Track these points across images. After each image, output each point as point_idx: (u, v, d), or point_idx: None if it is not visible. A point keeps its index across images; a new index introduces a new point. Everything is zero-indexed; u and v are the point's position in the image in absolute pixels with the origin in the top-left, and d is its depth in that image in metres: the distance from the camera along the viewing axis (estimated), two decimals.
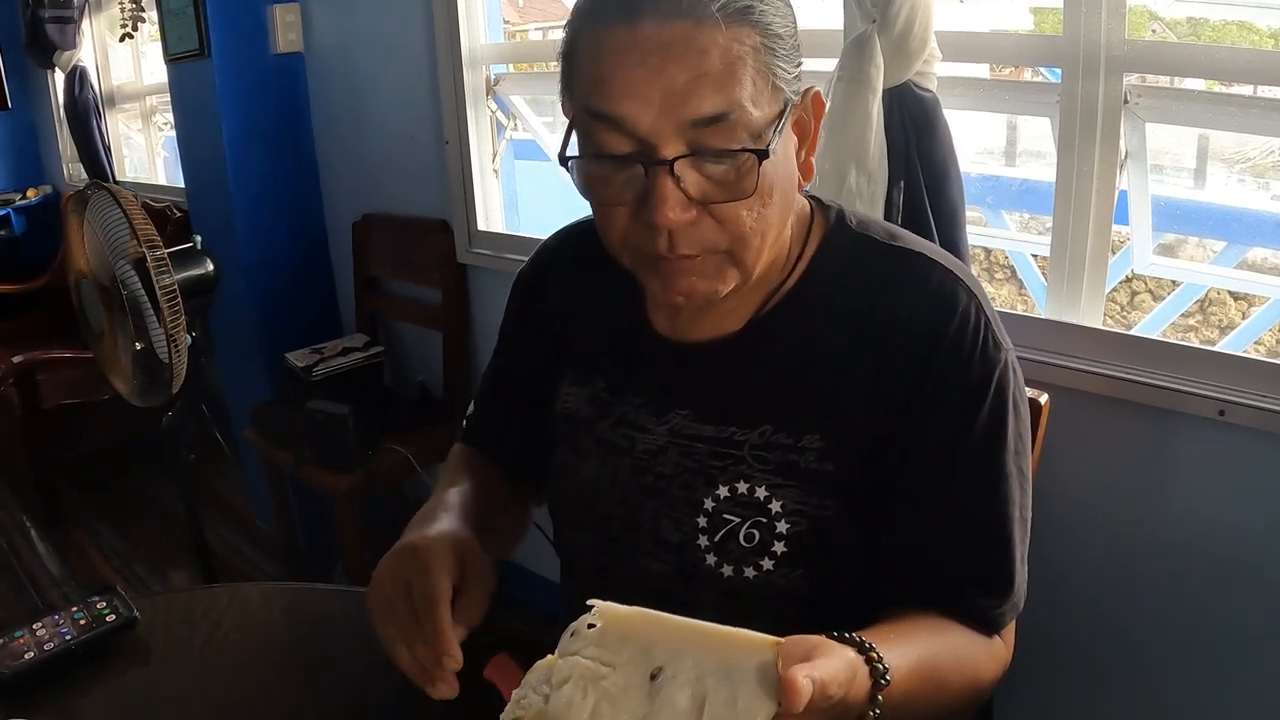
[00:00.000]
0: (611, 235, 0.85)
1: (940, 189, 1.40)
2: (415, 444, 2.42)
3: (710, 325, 0.94)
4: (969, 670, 0.85)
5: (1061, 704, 1.58)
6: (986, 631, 0.88)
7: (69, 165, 4.30)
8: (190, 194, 2.98)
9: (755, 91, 0.77)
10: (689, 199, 0.78)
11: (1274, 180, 3.27)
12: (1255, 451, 1.31)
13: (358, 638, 1.08)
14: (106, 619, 1.06)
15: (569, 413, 1.03)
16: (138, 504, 3.40)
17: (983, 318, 0.87)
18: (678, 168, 0.76)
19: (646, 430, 0.96)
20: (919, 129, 1.40)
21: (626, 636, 0.64)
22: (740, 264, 0.84)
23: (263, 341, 2.80)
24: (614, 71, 0.76)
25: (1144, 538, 1.43)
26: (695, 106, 0.75)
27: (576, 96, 0.81)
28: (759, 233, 0.82)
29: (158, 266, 1.80)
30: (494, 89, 2.34)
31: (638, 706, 0.61)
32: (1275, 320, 2.77)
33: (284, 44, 2.65)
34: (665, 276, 0.84)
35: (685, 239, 0.80)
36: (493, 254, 2.38)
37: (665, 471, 0.95)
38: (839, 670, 0.62)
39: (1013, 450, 0.88)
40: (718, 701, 0.60)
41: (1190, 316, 3.58)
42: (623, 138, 0.77)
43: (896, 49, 1.36)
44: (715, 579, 0.92)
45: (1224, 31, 3.17)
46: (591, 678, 0.63)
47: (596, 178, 0.82)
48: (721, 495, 0.91)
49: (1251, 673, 1.38)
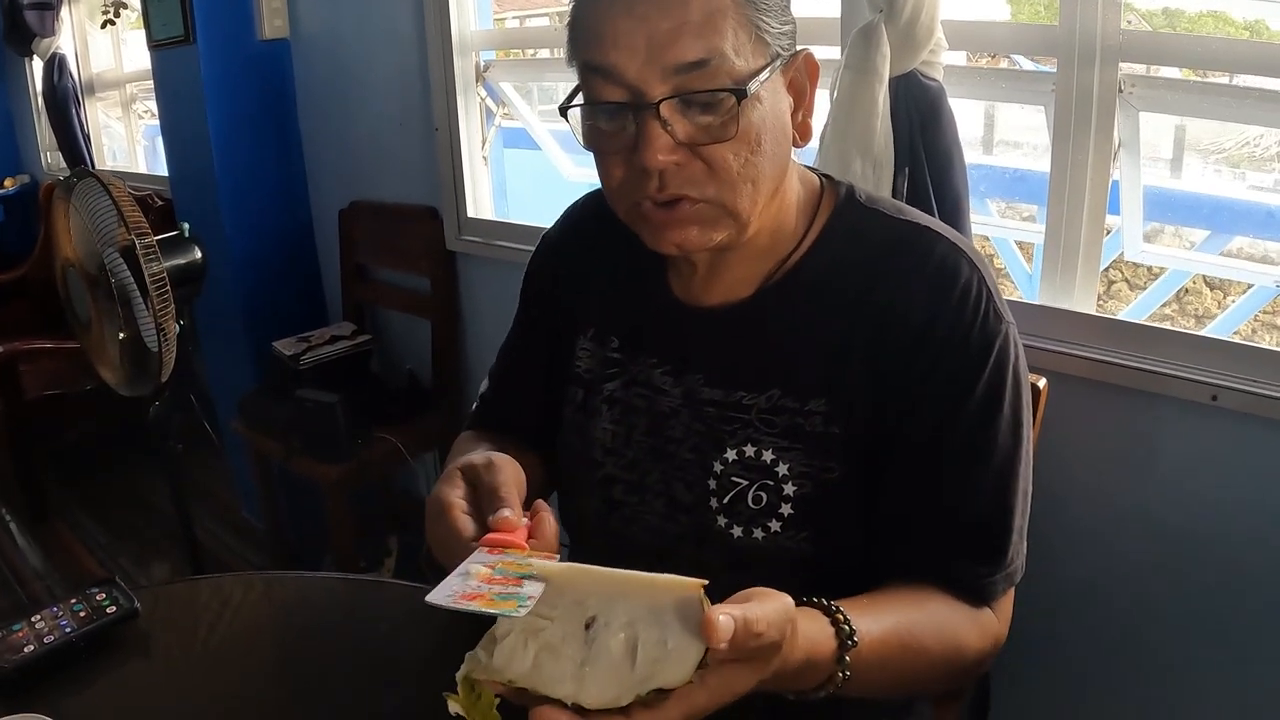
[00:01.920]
0: (610, 185, 0.89)
1: (945, 177, 1.41)
2: (405, 433, 2.42)
3: (721, 291, 0.97)
4: (950, 639, 0.86)
5: (1059, 685, 1.60)
6: (978, 601, 0.90)
7: (48, 154, 4.25)
8: (174, 182, 2.95)
9: (737, 42, 0.81)
10: (676, 142, 0.82)
11: (1249, 170, 3.30)
12: (1247, 436, 1.33)
13: (362, 625, 1.09)
14: (107, 611, 1.05)
15: (580, 372, 1.06)
16: (121, 496, 3.38)
17: (985, 290, 0.89)
18: (664, 111, 0.81)
19: (663, 392, 0.99)
20: (924, 117, 1.41)
21: (563, 589, 0.66)
22: (733, 213, 0.86)
23: (248, 330, 2.78)
24: (604, 24, 0.81)
25: (1138, 521, 1.45)
26: (678, 52, 0.80)
27: (576, 52, 0.86)
28: (748, 179, 0.85)
29: (147, 254, 1.79)
30: (483, 75, 2.33)
31: (575, 654, 0.63)
32: (1259, 306, 2.81)
33: (270, 30, 2.63)
34: (657, 225, 0.87)
35: (674, 180, 0.84)
36: (482, 241, 2.37)
37: (676, 435, 0.98)
38: (769, 612, 0.63)
39: (1010, 421, 0.89)
40: (649, 643, 0.62)
41: (1167, 305, 3.61)
42: (614, 86, 0.82)
43: (903, 38, 1.37)
44: (725, 540, 0.94)
45: (1199, 23, 3.19)
46: (531, 630, 0.64)
47: (594, 128, 0.87)
48: (730, 458, 0.94)
49: (1240, 652, 1.40)
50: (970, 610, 0.89)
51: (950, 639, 0.86)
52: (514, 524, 0.74)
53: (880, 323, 0.89)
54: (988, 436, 0.89)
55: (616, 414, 1.02)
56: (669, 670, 0.61)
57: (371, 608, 1.12)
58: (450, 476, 0.80)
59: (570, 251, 1.11)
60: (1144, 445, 1.43)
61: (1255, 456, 1.33)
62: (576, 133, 0.88)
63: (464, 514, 0.76)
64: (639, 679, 0.61)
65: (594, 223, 1.08)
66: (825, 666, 0.72)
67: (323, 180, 2.83)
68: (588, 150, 0.89)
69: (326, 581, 1.17)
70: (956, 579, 0.89)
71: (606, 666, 0.62)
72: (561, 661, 0.63)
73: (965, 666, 0.89)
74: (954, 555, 0.89)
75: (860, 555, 0.93)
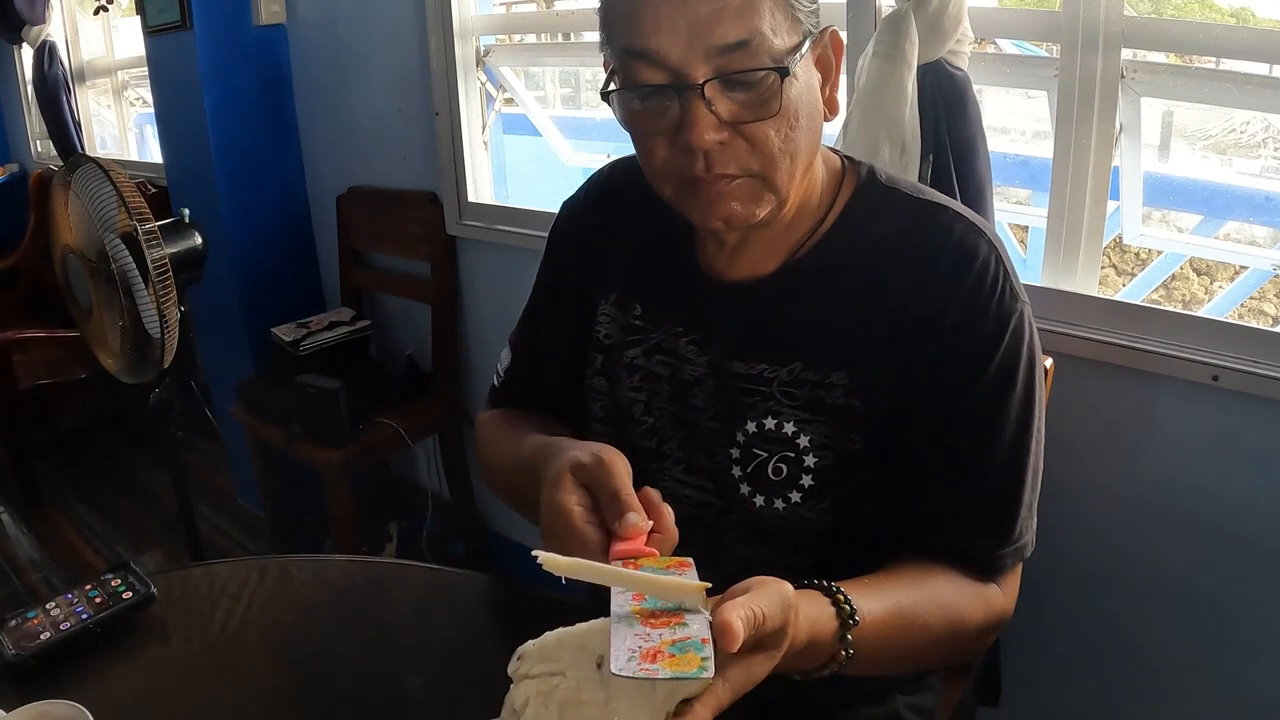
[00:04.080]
0: (653, 164, 0.89)
1: (968, 164, 1.43)
2: (405, 417, 2.43)
3: (746, 266, 0.98)
4: (953, 615, 0.88)
5: (1064, 662, 1.62)
6: (985, 575, 0.92)
7: (37, 143, 4.22)
8: (170, 169, 2.94)
9: (774, 22, 0.82)
10: (720, 121, 0.83)
11: (1235, 157, 3.32)
12: (1247, 415, 1.35)
13: (381, 608, 1.09)
14: (123, 596, 1.05)
15: (600, 337, 1.07)
16: (117, 484, 3.37)
17: (1002, 269, 0.91)
18: (708, 91, 0.82)
19: (687, 360, 1.00)
20: (950, 105, 1.42)
21: (563, 640, 0.66)
22: (773, 186, 0.88)
23: (246, 317, 2.78)
24: (644, 10, 0.82)
25: (1141, 500, 1.47)
26: (719, 34, 0.81)
27: (614, 39, 0.87)
28: (787, 154, 0.86)
29: (149, 239, 1.78)
30: (484, 60, 2.33)
31: (596, 696, 0.64)
32: (1251, 290, 2.83)
33: (266, 15, 2.62)
34: (705, 202, 0.88)
35: (719, 159, 0.85)
36: (483, 225, 2.37)
37: (698, 404, 0.99)
38: (771, 600, 0.65)
39: (1023, 398, 0.91)
40: None
41: (1155, 292, 3.64)
42: (656, 70, 0.84)
43: (931, 27, 1.39)
44: (749, 508, 0.96)
45: (1185, 10, 3.20)
46: (547, 692, 0.65)
47: (636, 111, 0.88)
48: (751, 430, 0.96)
49: (1242, 627, 1.42)
50: (974, 585, 0.91)
51: (952, 615, 0.88)
52: (642, 529, 0.73)
53: (899, 299, 0.91)
54: (1000, 413, 0.91)
55: (637, 380, 1.03)
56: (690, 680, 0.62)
57: (390, 590, 1.13)
58: (561, 481, 0.78)
59: (594, 218, 1.12)
60: (1146, 425, 1.45)
61: (1256, 436, 1.35)
62: (616, 115, 0.89)
63: (586, 523, 0.76)
64: (664, 696, 0.62)
65: (618, 192, 1.09)
66: (829, 646, 0.74)
67: (320, 166, 2.82)
68: (627, 131, 0.91)
69: (343, 564, 1.17)
70: (965, 553, 0.91)
71: (630, 697, 0.63)
72: (587, 709, 0.64)
73: (969, 641, 0.91)
74: (963, 530, 0.91)
75: (878, 526, 0.95)
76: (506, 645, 0.69)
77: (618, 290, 1.07)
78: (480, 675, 0.96)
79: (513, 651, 0.67)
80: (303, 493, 2.67)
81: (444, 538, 2.74)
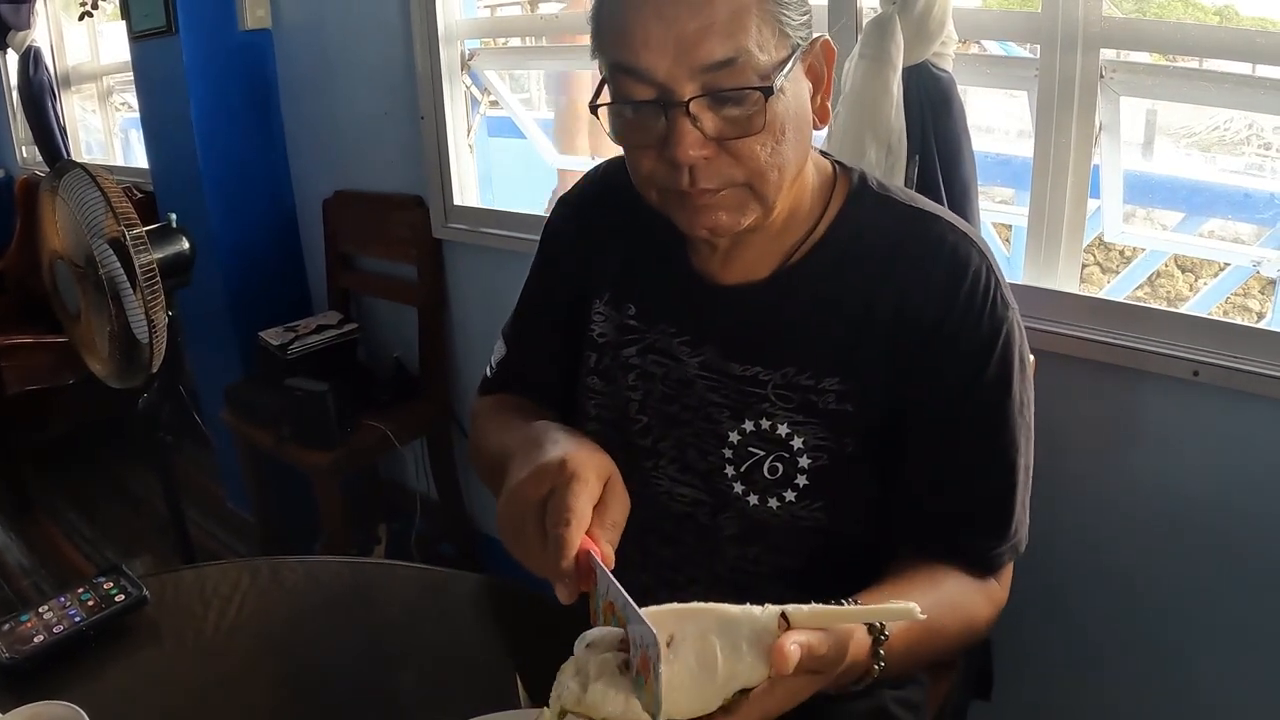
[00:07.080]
0: (640, 175, 0.91)
1: (954, 165, 1.45)
2: (392, 420, 2.43)
3: (739, 271, 0.99)
4: (965, 616, 0.91)
5: (1053, 655, 1.63)
6: (984, 571, 0.95)
7: (23, 149, 4.19)
8: (156, 174, 2.93)
9: (761, 38, 0.83)
10: (705, 137, 0.84)
11: (1219, 154, 3.35)
12: (1226, 409, 1.37)
13: (373, 609, 1.10)
14: (115, 599, 1.05)
15: (594, 336, 1.08)
16: (106, 489, 3.36)
17: (993, 278, 0.93)
18: (693, 108, 0.83)
19: (681, 361, 1.01)
20: (935, 107, 1.44)
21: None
22: (760, 197, 0.89)
23: (234, 321, 2.78)
24: (633, 26, 0.83)
25: (1125, 494, 1.49)
26: (706, 52, 0.81)
27: (604, 51, 0.88)
28: (775, 167, 0.87)
29: (136, 245, 1.78)
30: (468, 64, 2.34)
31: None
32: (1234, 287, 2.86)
33: (252, 20, 2.62)
34: (691, 212, 0.90)
35: (705, 174, 0.86)
36: (469, 228, 2.38)
37: (691, 404, 1.00)
38: (831, 639, 0.68)
39: (1017, 401, 0.94)
40: (726, 648, 0.66)
41: (1139, 289, 3.66)
42: (644, 85, 0.84)
43: (916, 30, 1.40)
44: (742, 507, 0.98)
45: (1169, 9, 3.23)
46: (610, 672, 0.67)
47: (625, 123, 0.89)
48: (746, 430, 0.97)
49: (1230, 618, 1.44)
50: (978, 583, 0.94)
51: (966, 615, 0.91)
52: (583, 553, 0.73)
53: (894, 308, 0.92)
54: (996, 417, 0.93)
55: (633, 379, 1.04)
56: (748, 671, 0.65)
57: (380, 590, 1.14)
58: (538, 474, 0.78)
59: (589, 216, 1.12)
60: (1127, 419, 1.47)
61: (1235, 429, 1.37)
62: (605, 128, 0.91)
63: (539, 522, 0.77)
64: (723, 681, 0.65)
65: (615, 192, 1.09)
66: (864, 663, 0.75)
67: (306, 170, 2.82)
68: (616, 143, 0.92)
69: (333, 565, 1.17)
70: (964, 552, 0.94)
71: (689, 679, 0.65)
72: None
73: (975, 635, 0.94)
74: (963, 530, 0.94)
75: (871, 526, 0.97)
76: (496, 644, 0.70)
77: (612, 289, 1.07)
78: (470, 673, 0.97)
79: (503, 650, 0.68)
80: (292, 496, 2.67)
81: (433, 539, 2.74)
